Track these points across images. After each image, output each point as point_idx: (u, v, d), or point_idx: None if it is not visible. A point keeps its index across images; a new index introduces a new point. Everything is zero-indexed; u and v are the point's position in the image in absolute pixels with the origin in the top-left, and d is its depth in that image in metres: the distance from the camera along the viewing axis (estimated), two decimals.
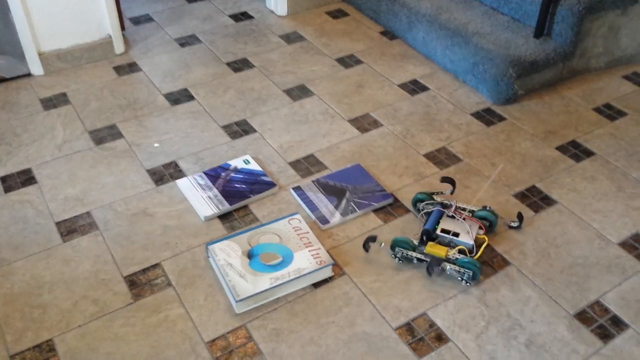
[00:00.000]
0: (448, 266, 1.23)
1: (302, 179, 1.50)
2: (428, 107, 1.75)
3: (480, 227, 1.30)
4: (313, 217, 1.38)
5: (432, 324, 1.17)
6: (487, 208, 1.34)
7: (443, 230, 1.29)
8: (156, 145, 1.59)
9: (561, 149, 1.60)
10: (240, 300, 1.15)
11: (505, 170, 1.52)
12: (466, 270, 1.21)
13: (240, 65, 1.93)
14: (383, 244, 1.31)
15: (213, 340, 1.13)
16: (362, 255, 1.30)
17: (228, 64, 1.93)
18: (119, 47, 1.96)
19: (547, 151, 1.59)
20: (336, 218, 1.38)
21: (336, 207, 1.40)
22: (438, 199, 1.38)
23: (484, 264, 1.28)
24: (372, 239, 1.28)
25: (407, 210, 1.41)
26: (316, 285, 1.24)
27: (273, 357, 1.10)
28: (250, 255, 1.25)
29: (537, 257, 1.29)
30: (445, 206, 1.34)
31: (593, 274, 1.26)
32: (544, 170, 1.52)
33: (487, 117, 1.71)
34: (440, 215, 1.32)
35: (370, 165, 1.54)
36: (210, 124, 1.67)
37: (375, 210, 1.41)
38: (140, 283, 1.24)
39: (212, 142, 1.61)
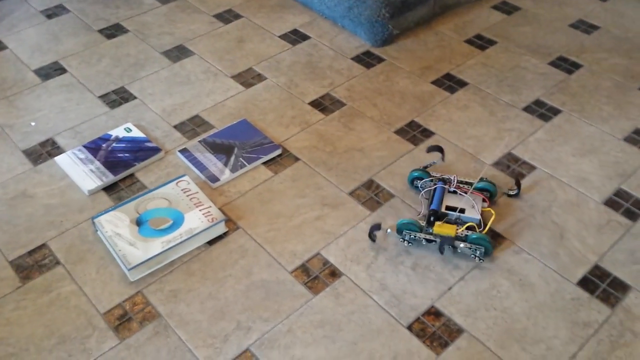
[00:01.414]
0: (461, 244, 1.19)
1: (188, 141, 1.49)
2: (310, 56, 1.77)
3: (483, 200, 1.27)
4: (203, 177, 1.39)
5: (325, 262, 1.22)
6: (484, 179, 1.30)
7: (448, 208, 1.25)
8: (33, 124, 1.52)
9: (437, 82, 1.67)
10: (132, 267, 1.15)
11: (386, 109, 1.58)
12: (478, 246, 1.18)
13: (113, 31, 1.85)
14: (389, 230, 1.26)
15: (109, 311, 1.13)
16: (255, 208, 1.32)
17: (100, 31, 1.85)
18: None
19: (423, 86, 1.65)
20: (226, 175, 1.39)
21: (225, 164, 1.41)
22: (435, 173, 1.34)
23: (371, 200, 1.34)
24: (377, 227, 1.22)
25: (297, 160, 1.44)
26: (211, 242, 1.25)
27: (172, 317, 1.12)
28: (139, 222, 1.24)
29: None
30: (445, 181, 1.31)
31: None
32: (421, 105, 1.59)
33: (366, 59, 1.75)
34: (443, 192, 1.29)
35: (257, 119, 1.55)
36: (86, 95, 1.62)
37: (265, 163, 1.43)
38: (27, 265, 1.20)
39: (89, 114, 1.56)
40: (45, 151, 1.45)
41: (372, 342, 1.08)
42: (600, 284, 1.17)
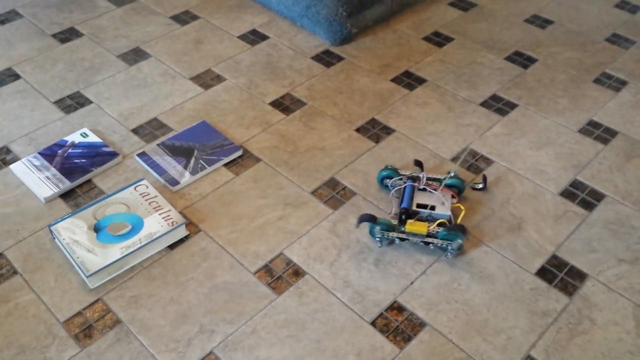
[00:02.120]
0: (432, 241, 1.20)
1: (147, 144, 1.47)
2: (269, 56, 1.76)
3: (452, 196, 1.28)
4: (162, 180, 1.37)
5: (289, 262, 1.21)
6: (452, 174, 1.30)
7: (419, 205, 1.26)
8: None
9: (396, 80, 1.68)
10: (91, 274, 1.13)
11: (347, 107, 1.59)
12: (449, 242, 1.19)
13: (67, 35, 1.82)
14: (358, 227, 1.26)
15: (69, 319, 1.11)
16: (217, 210, 1.31)
17: (54, 36, 1.81)
18: None
19: (383, 84, 1.67)
20: (186, 178, 1.37)
21: (185, 166, 1.40)
22: (404, 172, 1.34)
23: (332, 199, 1.34)
24: (365, 218, 1.21)
25: (258, 160, 1.43)
26: (172, 246, 1.24)
27: (133, 323, 1.10)
28: (97, 228, 1.22)
29: (379, 184, 1.37)
30: (414, 179, 1.31)
31: None
32: (381, 103, 1.60)
33: (326, 58, 1.76)
34: (413, 190, 1.29)
35: (217, 121, 1.54)
36: (41, 101, 1.58)
37: (226, 164, 1.43)
38: None
39: (44, 120, 1.53)
40: None
41: (336, 339, 1.08)
42: (558, 274, 1.20)
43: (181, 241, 1.25)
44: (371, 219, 1.21)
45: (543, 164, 1.43)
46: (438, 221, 1.22)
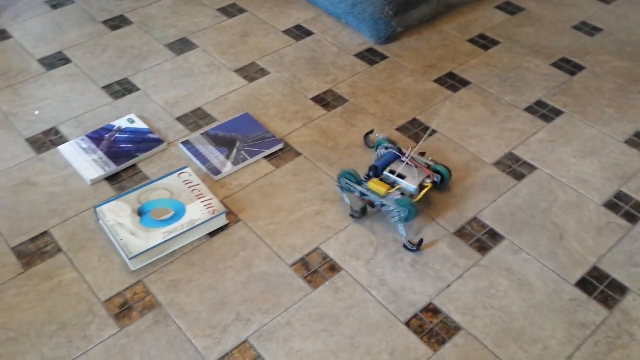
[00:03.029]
0: (385, 203, 1.23)
1: (191, 133, 1.49)
2: (313, 52, 1.77)
3: (428, 177, 1.30)
4: (205, 169, 1.39)
5: (325, 257, 1.22)
6: (445, 165, 1.34)
7: (391, 171, 1.30)
8: (36, 113, 1.53)
9: (439, 81, 1.67)
10: (133, 257, 1.16)
11: (388, 106, 1.58)
12: (402, 209, 1.21)
13: (117, 22, 1.86)
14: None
15: (110, 299, 1.13)
16: (256, 201, 1.33)
17: (104, 23, 1.85)
18: None
19: (426, 85, 1.66)
20: (228, 168, 1.39)
21: (227, 157, 1.42)
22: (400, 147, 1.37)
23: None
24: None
25: (298, 154, 1.44)
26: (212, 234, 1.26)
27: (172, 307, 1.13)
28: (140, 212, 1.24)
29: None
30: (402, 152, 1.34)
31: (471, 194, 1.36)
32: (424, 103, 1.60)
33: (370, 57, 1.76)
34: (394, 158, 1.32)
35: (259, 114, 1.55)
36: (90, 86, 1.62)
37: (267, 157, 1.44)
38: (29, 252, 1.21)
39: (93, 105, 1.56)
40: (48, 140, 1.46)
41: (370, 337, 1.09)
42: (599, 286, 1.18)
43: (221, 229, 1.27)
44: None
45: (587, 174, 1.40)
46: (397, 187, 1.27)
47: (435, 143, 1.48)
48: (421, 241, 1.24)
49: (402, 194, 1.25)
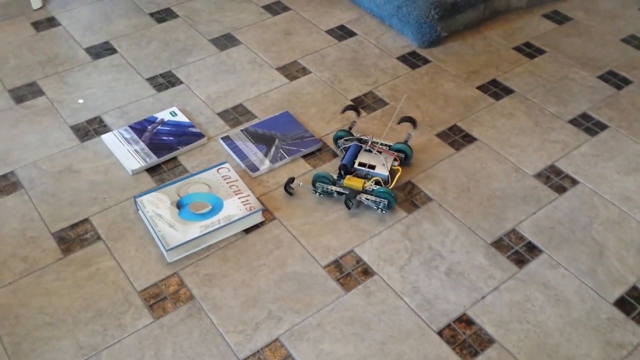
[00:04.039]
0: (364, 197, 1.29)
1: (230, 129, 1.50)
2: (355, 53, 1.77)
3: (395, 159, 1.37)
4: (243, 165, 1.40)
5: (359, 260, 1.22)
6: (403, 142, 1.40)
7: (360, 164, 1.35)
8: (80, 101, 1.56)
9: (482, 88, 1.65)
10: (171, 249, 1.17)
11: (429, 111, 1.57)
12: (382, 199, 1.28)
13: (163, 15, 1.88)
14: (302, 183, 1.35)
15: (145, 289, 1.15)
16: (292, 200, 1.33)
17: (151, 15, 1.88)
18: (35, 2, 1.87)
19: (468, 91, 1.64)
20: (265, 165, 1.40)
21: (265, 154, 1.42)
22: (357, 134, 1.44)
23: (408, 202, 1.33)
24: (291, 180, 1.32)
25: (335, 155, 1.44)
26: (247, 231, 1.27)
27: (206, 300, 1.14)
28: (179, 205, 1.26)
29: (457, 192, 1.36)
30: (362, 141, 1.40)
31: (510, 205, 1.34)
32: (465, 110, 1.58)
33: (412, 60, 1.75)
34: (358, 150, 1.38)
35: (299, 112, 1.56)
36: (135, 77, 1.65)
37: (305, 156, 1.44)
38: (69, 238, 1.23)
39: (136, 95, 1.59)
40: (92, 128, 1.49)
41: (401, 344, 1.08)
42: (638, 306, 1.15)
43: (256, 226, 1.27)
44: (290, 180, 1.32)
45: (630, 190, 1.37)
46: (374, 179, 1.32)
47: (475, 151, 1.46)
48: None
49: (377, 183, 1.32)
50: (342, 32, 1.84)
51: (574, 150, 1.47)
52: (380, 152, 1.37)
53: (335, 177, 1.33)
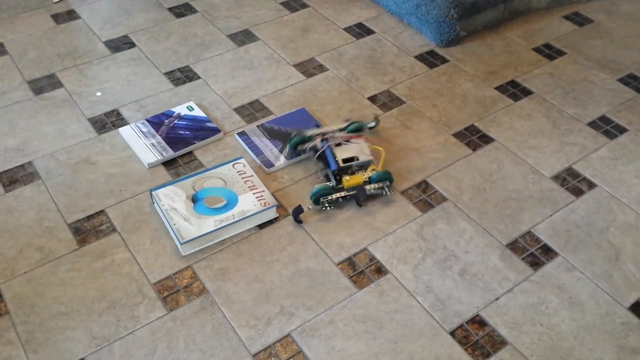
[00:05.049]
0: (371, 188, 1.29)
1: (247, 125, 1.50)
2: (373, 51, 1.76)
3: (365, 140, 1.38)
4: (258, 161, 1.40)
5: (372, 258, 1.21)
6: (349, 120, 1.41)
7: (345, 161, 1.33)
8: (98, 94, 1.57)
9: (500, 88, 1.64)
10: (185, 242, 1.18)
11: (446, 111, 1.56)
12: (383, 182, 1.29)
13: (182, 10, 1.89)
14: (310, 207, 1.30)
15: (159, 281, 1.16)
16: (306, 197, 1.33)
17: (170, 9, 1.89)
18: None
19: (486, 91, 1.63)
20: (281, 161, 1.40)
21: (281, 150, 1.42)
22: (310, 133, 1.39)
23: (422, 201, 1.33)
24: (300, 211, 1.27)
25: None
26: (261, 226, 1.27)
27: (219, 294, 1.14)
28: (194, 199, 1.26)
29: (473, 193, 1.35)
30: (324, 139, 1.37)
31: (526, 206, 1.32)
32: (483, 110, 1.57)
33: (430, 59, 1.74)
34: (332, 149, 1.36)
35: (315, 110, 1.56)
36: (153, 71, 1.65)
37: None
38: (84, 230, 1.25)
39: (154, 89, 1.60)
40: (109, 121, 1.50)
41: (413, 343, 1.08)
42: None
43: (270, 222, 1.28)
44: (299, 210, 1.27)
45: None
46: (371, 167, 1.31)
47: (492, 152, 1.45)
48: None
49: (373, 169, 1.32)
50: (360, 30, 1.84)
51: (592, 153, 1.45)
52: (348, 141, 1.36)
53: (332, 184, 1.30)
